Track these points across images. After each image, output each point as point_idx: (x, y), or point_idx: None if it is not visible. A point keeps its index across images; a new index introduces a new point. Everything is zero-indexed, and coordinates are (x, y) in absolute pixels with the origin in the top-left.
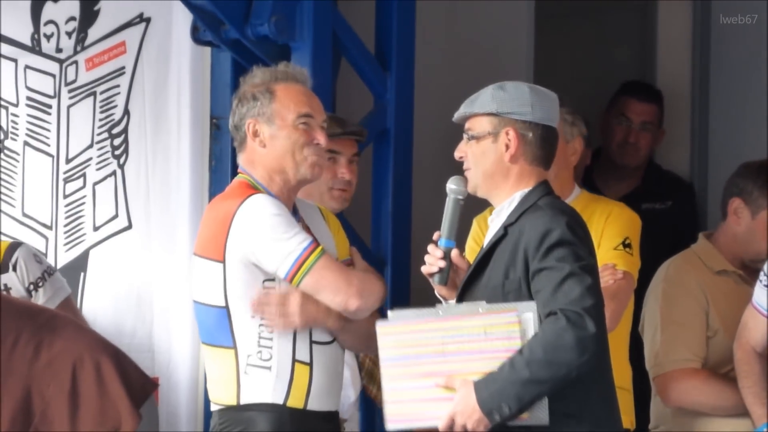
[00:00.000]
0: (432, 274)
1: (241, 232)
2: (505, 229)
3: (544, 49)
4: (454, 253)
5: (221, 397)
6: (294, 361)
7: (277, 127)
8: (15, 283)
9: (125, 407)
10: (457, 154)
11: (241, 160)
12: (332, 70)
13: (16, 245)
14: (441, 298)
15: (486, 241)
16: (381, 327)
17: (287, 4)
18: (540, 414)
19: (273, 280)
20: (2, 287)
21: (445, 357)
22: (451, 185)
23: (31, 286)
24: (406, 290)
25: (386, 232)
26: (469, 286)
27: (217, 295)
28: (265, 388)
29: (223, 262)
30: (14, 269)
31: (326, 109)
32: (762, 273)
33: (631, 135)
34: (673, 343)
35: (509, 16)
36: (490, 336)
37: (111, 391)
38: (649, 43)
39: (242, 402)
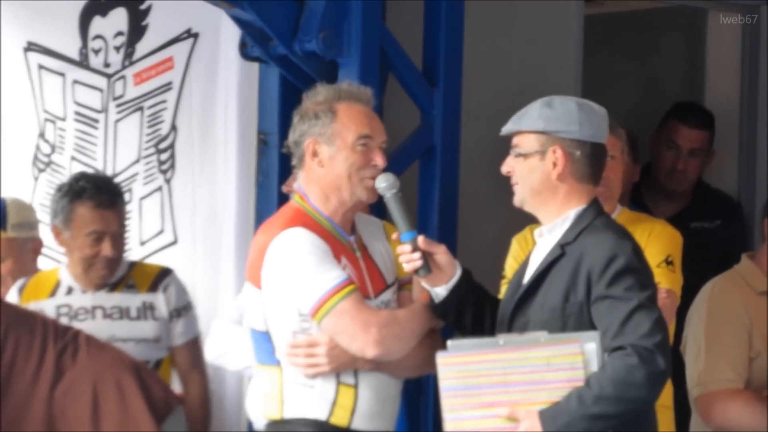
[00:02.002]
0: (416, 271)
1: (272, 266)
2: (562, 248)
3: (593, 64)
4: (421, 240)
5: (267, 412)
6: (338, 383)
7: (337, 148)
8: (160, 304)
9: (146, 423)
10: (504, 169)
11: (301, 177)
12: (379, 86)
13: (168, 270)
14: (432, 291)
15: (536, 257)
16: (441, 358)
17: (335, 20)
18: None
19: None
20: (147, 305)
21: (507, 387)
22: (381, 184)
23: (175, 312)
24: None
25: None
26: (522, 304)
27: (259, 320)
28: (308, 404)
29: (261, 289)
30: (164, 291)
31: None
32: None
33: (680, 162)
34: (716, 363)
35: (558, 31)
36: (553, 367)
37: (132, 407)
38: (698, 59)
39: (286, 417)
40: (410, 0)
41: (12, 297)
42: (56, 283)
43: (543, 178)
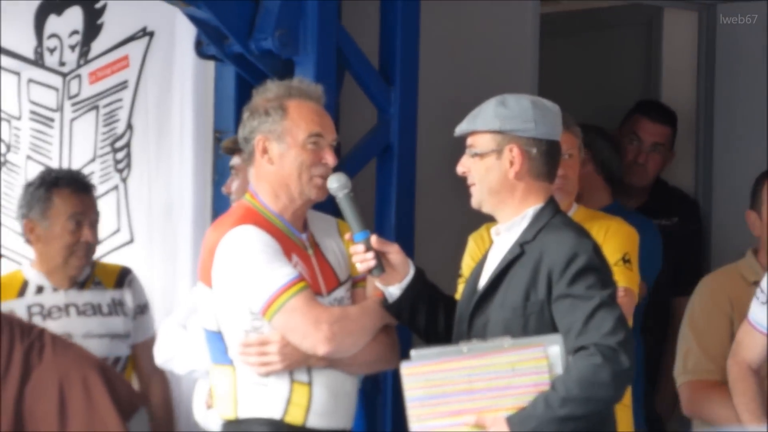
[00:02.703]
0: (370, 271)
1: (222, 265)
2: (521, 246)
3: (549, 62)
4: (373, 240)
5: (222, 412)
6: (292, 381)
7: (287, 146)
8: (128, 300)
9: (113, 421)
10: (459, 169)
11: (251, 174)
12: (336, 84)
13: (128, 269)
14: (385, 290)
15: (494, 256)
16: (405, 368)
17: (291, 19)
18: None
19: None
20: (117, 301)
21: (472, 395)
22: (332, 185)
23: (138, 309)
24: None
25: None
26: (481, 304)
27: (211, 320)
28: (262, 403)
29: (212, 288)
30: (129, 286)
31: None
32: (759, 290)
33: (641, 155)
34: (696, 353)
35: (513, 29)
36: (518, 372)
37: (99, 405)
38: (654, 57)
39: (240, 416)
40: None
41: None
42: (23, 283)
43: (500, 178)
